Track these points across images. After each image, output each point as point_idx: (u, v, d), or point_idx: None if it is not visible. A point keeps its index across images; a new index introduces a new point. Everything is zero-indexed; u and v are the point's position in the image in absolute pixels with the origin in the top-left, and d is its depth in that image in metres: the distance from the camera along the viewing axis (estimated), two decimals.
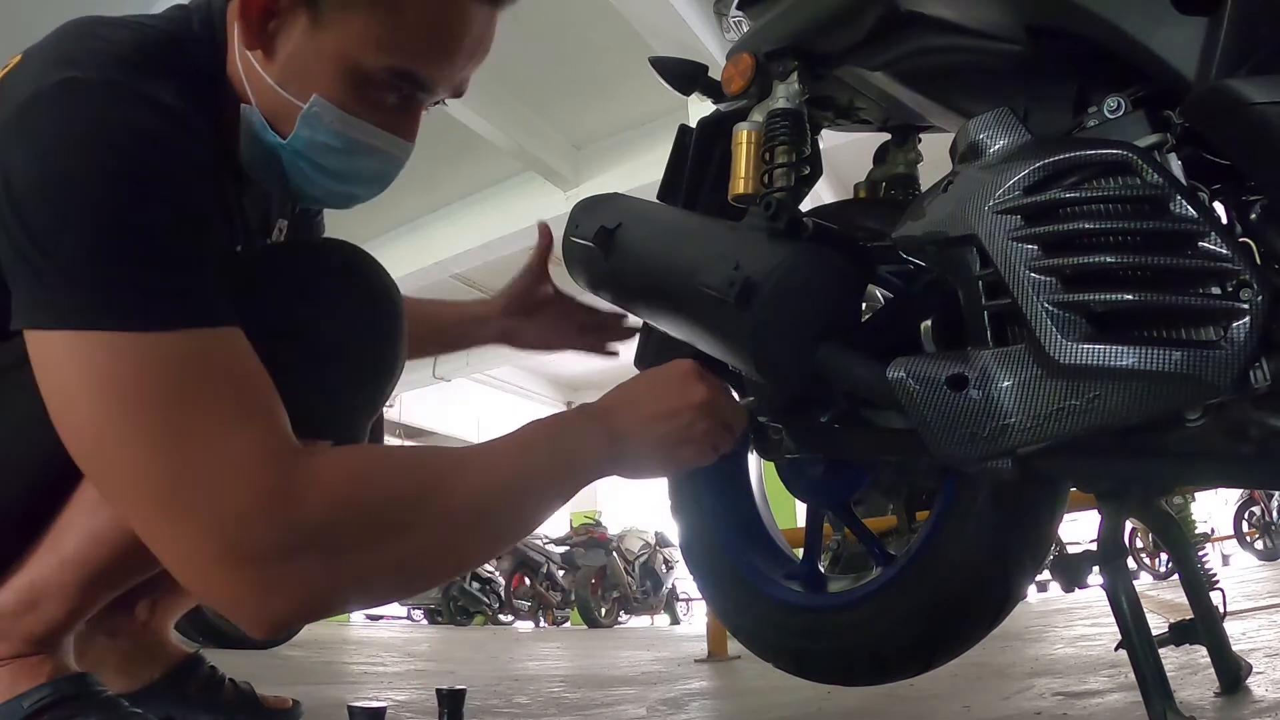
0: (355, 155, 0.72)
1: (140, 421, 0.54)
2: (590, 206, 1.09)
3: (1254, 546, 7.21)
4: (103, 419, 0.54)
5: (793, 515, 3.29)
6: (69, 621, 0.72)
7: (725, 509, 1.21)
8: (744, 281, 0.79)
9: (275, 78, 0.68)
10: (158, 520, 0.55)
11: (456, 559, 0.65)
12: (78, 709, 0.69)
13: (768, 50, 1.02)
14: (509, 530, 0.67)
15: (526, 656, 3.13)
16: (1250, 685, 1.04)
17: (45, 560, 0.70)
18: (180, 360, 0.55)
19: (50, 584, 0.70)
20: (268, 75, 0.68)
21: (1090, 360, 0.62)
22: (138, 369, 0.54)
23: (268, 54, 0.68)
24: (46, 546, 0.71)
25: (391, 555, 0.58)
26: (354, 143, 0.70)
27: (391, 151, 0.73)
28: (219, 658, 1.15)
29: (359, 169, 0.73)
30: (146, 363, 0.55)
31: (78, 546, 0.70)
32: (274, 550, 0.54)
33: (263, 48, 0.68)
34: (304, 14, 0.66)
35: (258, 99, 0.70)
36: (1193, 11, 0.64)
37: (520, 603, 8.87)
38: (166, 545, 0.56)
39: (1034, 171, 0.67)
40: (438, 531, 0.61)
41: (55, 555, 0.70)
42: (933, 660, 0.98)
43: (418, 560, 0.60)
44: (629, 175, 6.32)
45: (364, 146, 0.71)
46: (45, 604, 0.71)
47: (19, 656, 0.70)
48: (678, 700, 1.56)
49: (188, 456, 0.54)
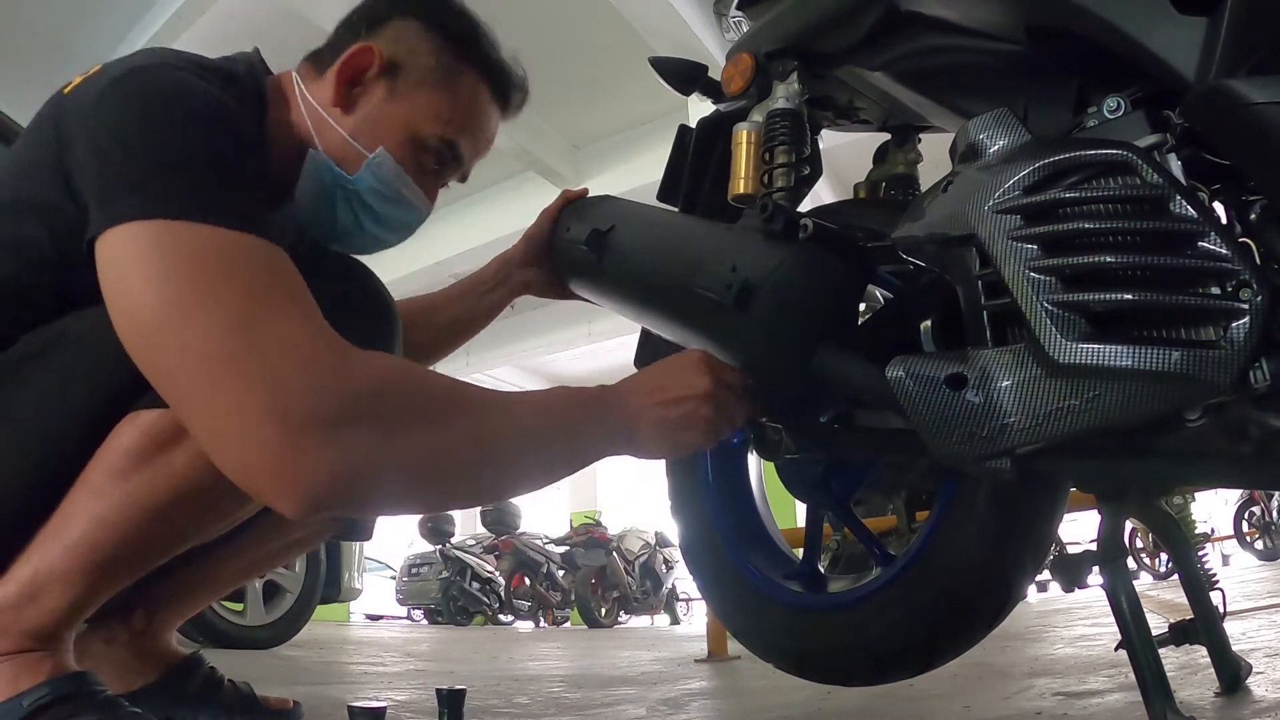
0: (397, 204, 0.88)
1: (207, 296, 0.59)
2: (581, 209, 1.09)
3: (1254, 546, 7.22)
4: (170, 294, 0.59)
5: (793, 515, 3.29)
6: (70, 615, 0.72)
7: (725, 509, 1.21)
8: (741, 284, 0.79)
9: (349, 131, 0.85)
10: (211, 386, 0.58)
11: (473, 474, 0.67)
12: (77, 708, 0.68)
13: (768, 50, 1.02)
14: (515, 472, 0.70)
15: (526, 656, 3.13)
16: (1250, 685, 1.04)
17: (48, 548, 0.70)
18: (246, 254, 0.63)
19: (54, 571, 0.70)
20: (341, 127, 0.85)
21: (1090, 360, 0.62)
22: (211, 253, 0.61)
23: (345, 111, 0.85)
24: (49, 533, 0.71)
25: (423, 445, 0.62)
26: (398, 194, 0.87)
27: (421, 208, 0.91)
28: (219, 658, 1.15)
29: (395, 217, 0.89)
30: (220, 250, 0.62)
31: (82, 531, 0.70)
32: (324, 416, 0.57)
33: (341, 105, 0.85)
34: (384, 85, 0.86)
35: (324, 145, 0.85)
36: (1192, 11, 0.64)
37: (520, 603, 8.87)
38: (215, 412, 0.58)
39: (1034, 171, 0.67)
40: (462, 437, 0.65)
41: (58, 542, 0.70)
42: (933, 660, 0.98)
43: (444, 458, 0.64)
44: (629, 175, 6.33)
45: (404, 199, 0.88)
46: (47, 594, 0.70)
47: (20, 652, 0.70)
48: (678, 700, 1.56)
49: (252, 327, 0.59)
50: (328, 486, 0.58)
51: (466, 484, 0.68)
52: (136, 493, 0.70)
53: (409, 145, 0.86)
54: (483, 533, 9.64)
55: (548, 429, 0.72)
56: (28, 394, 0.71)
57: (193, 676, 1.07)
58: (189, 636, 2.28)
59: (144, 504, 0.71)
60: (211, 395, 0.58)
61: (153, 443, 0.70)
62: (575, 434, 0.74)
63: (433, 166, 0.89)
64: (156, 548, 0.75)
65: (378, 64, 0.85)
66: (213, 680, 1.09)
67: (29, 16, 5.05)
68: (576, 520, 9.89)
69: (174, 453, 0.70)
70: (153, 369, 0.62)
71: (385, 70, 0.86)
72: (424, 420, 0.63)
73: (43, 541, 0.71)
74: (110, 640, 1.00)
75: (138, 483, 0.70)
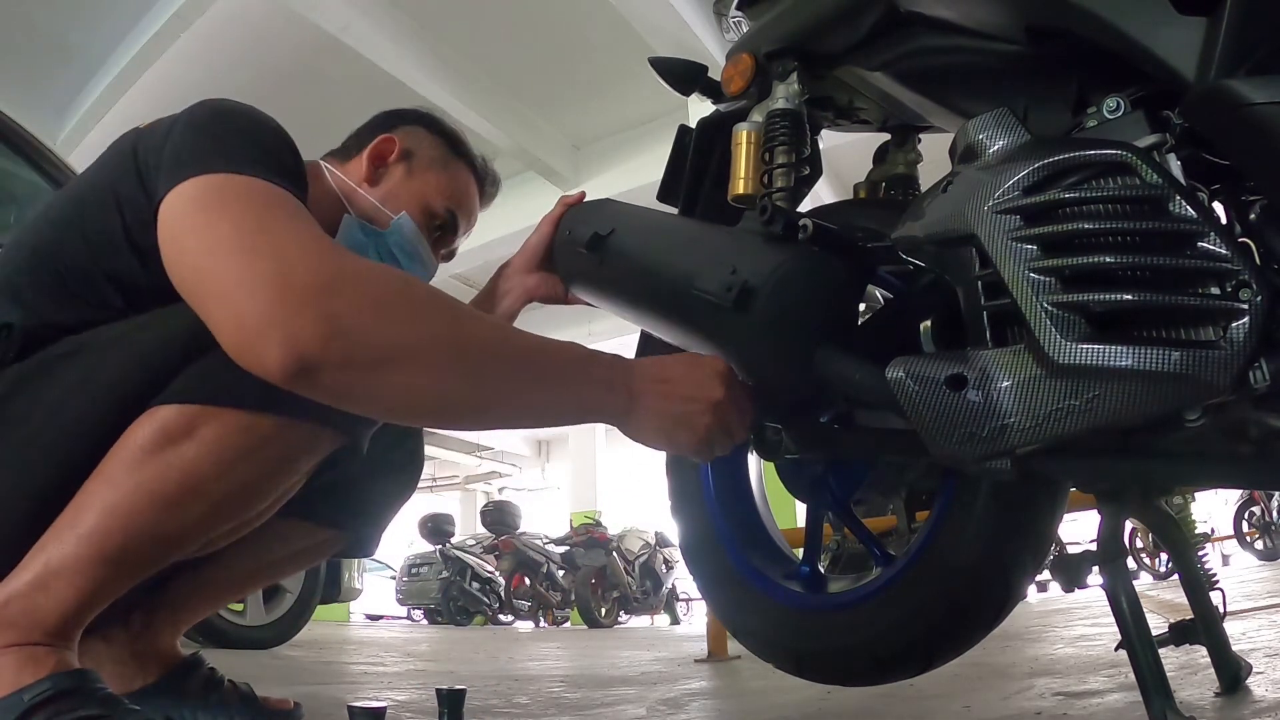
0: (414, 261, 1.05)
1: (232, 210, 0.69)
2: (582, 214, 1.09)
3: (1254, 546, 7.22)
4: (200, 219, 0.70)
5: (793, 515, 3.29)
6: (79, 608, 0.73)
7: (725, 509, 1.21)
8: (741, 285, 0.79)
9: (378, 199, 1.05)
10: (226, 267, 0.65)
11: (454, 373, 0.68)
12: (77, 703, 0.69)
13: (767, 50, 1.02)
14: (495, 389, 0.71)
15: (526, 656, 3.13)
16: (1250, 685, 1.04)
17: (60, 537, 0.72)
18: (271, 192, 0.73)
19: (65, 560, 0.71)
20: (371, 196, 1.05)
21: (1089, 360, 0.62)
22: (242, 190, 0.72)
23: (372, 185, 1.06)
24: (63, 523, 0.72)
25: (408, 328, 0.66)
26: (417, 251, 1.06)
27: (432, 267, 1.09)
28: (219, 658, 1.15)
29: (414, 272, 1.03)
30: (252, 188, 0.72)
31: (94, 520, 0.72)
32: (317, 283, 0.63)
33: (370, 181, 1.06)
34: (402, 167, 1.08)
35: (356, 211, 1.04)
36: (1192, 11, 0.63)
37: (520, 603, 8.88)
38: (228, 283, 0.64)
39: (1033, 172, 0.67)
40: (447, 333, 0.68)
41: (71, 531, 0.72)
42: (933, 660, 0.98)
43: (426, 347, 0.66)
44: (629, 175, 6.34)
45: (421, 257, 1.07)
46: (57, 584, 0.71)
47: (26, 645, 0.70)
48: (678, 700, 1.56)
49: (265, 228, 0.68)
50: (312, 341, 0.61)
51: (447, 383, 0.68)
52: (148, 482, 0.73)
53: (423, 213, 1.07)
54: (483, 533, 9.65)
55: (544, 365, 0.73)
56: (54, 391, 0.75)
57: (193, 677, 1.07)
58: (189, 636, 2.28)
59: (154, 493, 0.73)
60: (225, 270, 0.65)
61: (166, 436, 0.74)
62: (570, 382, 0.74)
63: (437, 234, 1.09)
64: (164, 542, 0.76)
65: (398, 150, 1.07)
66: (213, 680, 1.09)
67: (29, 16, 5.06)
68: (576, 520, 9.89)
69: (185, 445, 0.74)
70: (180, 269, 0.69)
71: (402, 156, 1.07)
72: (414, 307, 0.67)
73: (57, 531, 0.72)
74: (110, 641, 1.00)
75: (149, 472, 0.73)
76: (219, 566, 1.07)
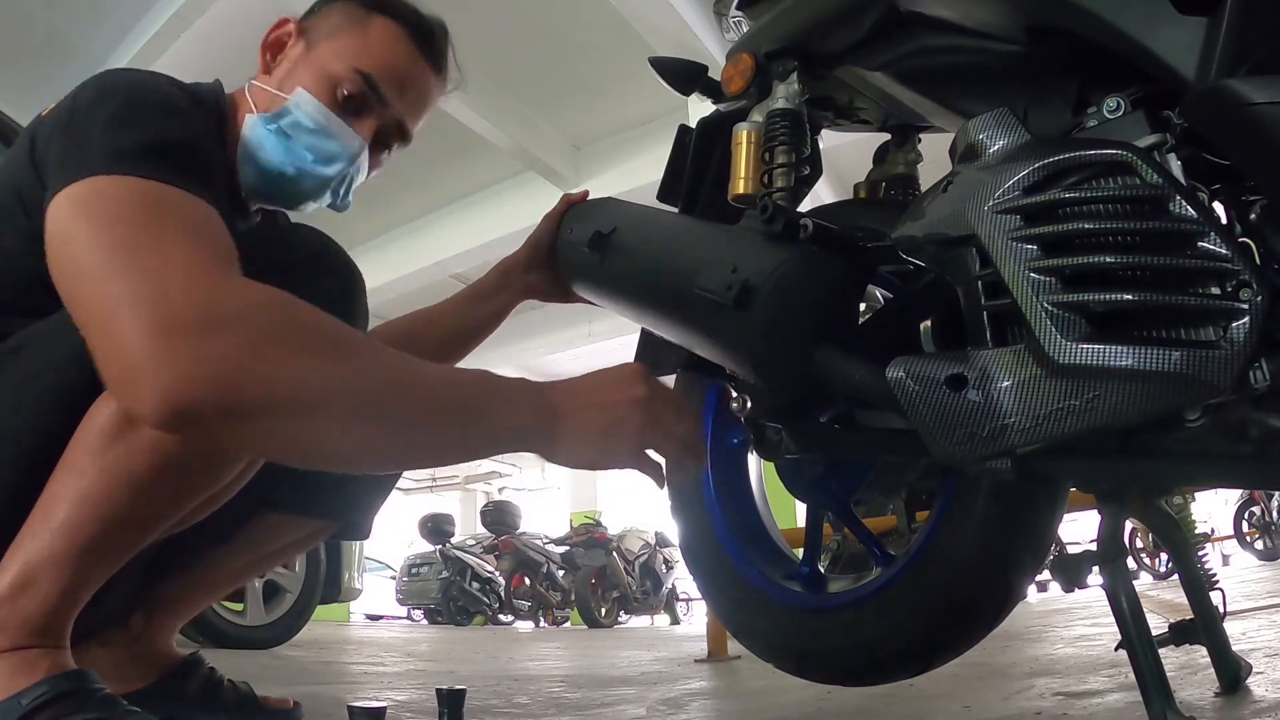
0: (324, 135, 0.94)
1: (105, 232, 0.64)
2: (584, 212, 1.09)
3: (1254, 546, 7.22)
4: (80, 234, 0.64)
5: (793, 515, 3.29)
6: (64, 603, 0.72)
7: (725, 509, 1.21)
8: (742, 284, 0.79)
9: (274, 87, 0.95)
10: (104, 294, 0.60)
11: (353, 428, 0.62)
12: (75, 705, 0.68)
13: (768, 50, 1.02)
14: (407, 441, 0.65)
15: (526, 656, 3.13)
16: (1250, 685, 1.04)
17: (36, 534, 0.72)
18: (147, 196, 0.67)
19: (44, 557, 0.71)
20: (268, 86, 0.95)
21: (1090, 360, 0.62)
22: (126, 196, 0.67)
23: (269, 74, 0.96)
24: (36, 519, 0.72)
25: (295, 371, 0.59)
26: (323, 126, 0.94)
27: (345, 138, 0.95)
28: (219, 658, 1.15)
29: (323, 147, 0.94)
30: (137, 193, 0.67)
31: (66, 512, 0.71)
32: (196, 318, 0.58)
33: (266, 71, 0.97)
34: (300, 45, 0.96)
35: (258, 107, 0.94)
36: (1192, 11, 0.63)
37: (520, 603, 8.88)
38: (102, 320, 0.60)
39: (1034, 172, 0.67)
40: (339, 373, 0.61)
41: (45, 526, 0.71)
42: (933, 660, 0.98)
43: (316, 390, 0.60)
44: (629, 175, 6.33)
45: (329, 131, 0.94)
46: (39, 581, 0.71)
47: (18, 649, 0.70)
48: (678, 700, 1.56)
49: (146, 243, 0.62)
50: (189, 385, 0.56)
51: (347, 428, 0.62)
52: (112, 467, 0.72)
53: (325, 82, 0.93)
54: (483, 533, 9.64)
55: (452, 400, 0.67)
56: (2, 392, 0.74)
57: (192, 677, 1.07)
58: (189, 636, 2.28)
59: (121, 477, 0.72)
60: (102, 299, 0.60)
61: (124, 418, 0.72)
62: (483, 415, 0.68)
63: (353, 106, 0.95)
64: (138, 525, 0.76)
65: (294, 31, 0.97)
66: (212, 681, 1.09)
67: (29, 16, 5.06)
68: (576, 520, 9.89)
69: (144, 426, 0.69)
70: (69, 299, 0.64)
71: (300, 34, 0.97)
72: (304, 347, 0.60)
73: (30, 529, 0.72)
74: (108, 643, 1.00)
75: (113, 457, 0.72)
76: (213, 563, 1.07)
